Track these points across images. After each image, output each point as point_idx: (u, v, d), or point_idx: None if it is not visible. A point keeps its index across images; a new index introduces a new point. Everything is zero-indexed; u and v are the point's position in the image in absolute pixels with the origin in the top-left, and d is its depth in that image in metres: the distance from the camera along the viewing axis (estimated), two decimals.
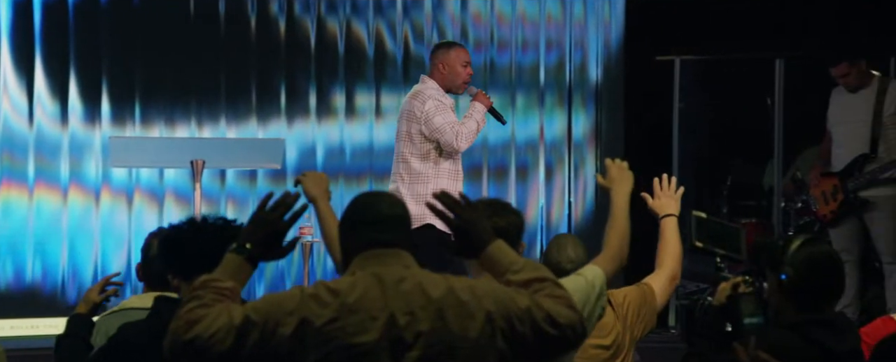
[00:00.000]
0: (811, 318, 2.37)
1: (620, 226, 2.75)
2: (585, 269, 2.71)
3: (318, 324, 2.02)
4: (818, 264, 2.42)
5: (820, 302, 2.43)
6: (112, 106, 6.05)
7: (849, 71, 5.40)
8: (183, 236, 2.49)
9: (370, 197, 2.21)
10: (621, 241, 2.74)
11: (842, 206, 5.41)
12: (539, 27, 6.34)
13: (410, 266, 2.11)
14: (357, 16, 6.25)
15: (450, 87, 4.86)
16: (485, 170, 6.34)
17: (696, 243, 2.58)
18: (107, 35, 6.04)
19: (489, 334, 2.03)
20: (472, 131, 4.78)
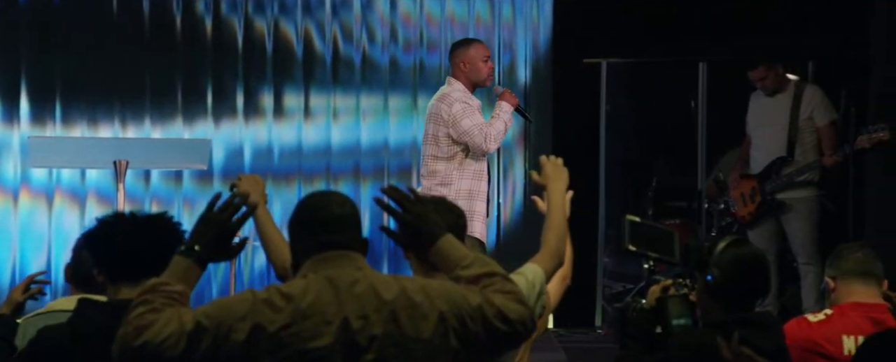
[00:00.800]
0: (735, 318, 2.40)
1: (557, 224, 2.75)
2: (526, 268, 2.70)
3: (272, 330, 1.99)
4: (743, 265, 2.46)
5: (745, 302, 2.47)
6: (31, 105, 5.92)
7: (766, 74, 5.54)
8: (110, 231, 2.43)
9: (319, 197, 2.16)
10: (559, 239, 2.74)
11: (759, 208, 5.54)
12: (468, 28, 6.36)
13: (362, 267, 2.09)
14: (285, 16, 6.20)
15: (475, 83, 4.88)
16: (415, 171, 6.33)
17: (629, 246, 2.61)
18: (26, 34, 5.91)
19: (442, 334, 2.02)
20: (500, 132, 4.80)
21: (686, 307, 2.45)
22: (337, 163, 6.27)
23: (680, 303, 2.45)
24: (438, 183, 4.77)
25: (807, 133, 5.50)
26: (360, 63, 6.27)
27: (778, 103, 5.57)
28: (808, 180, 5.47)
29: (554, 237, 2.73)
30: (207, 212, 2.12)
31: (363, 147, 6.29)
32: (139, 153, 4.86)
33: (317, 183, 6.15)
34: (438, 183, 4.77)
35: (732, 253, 2.47)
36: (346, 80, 6.28)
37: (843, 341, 2.87)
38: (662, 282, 2.56)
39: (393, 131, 6.31)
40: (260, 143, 6.19)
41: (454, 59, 4.91)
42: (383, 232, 2.18)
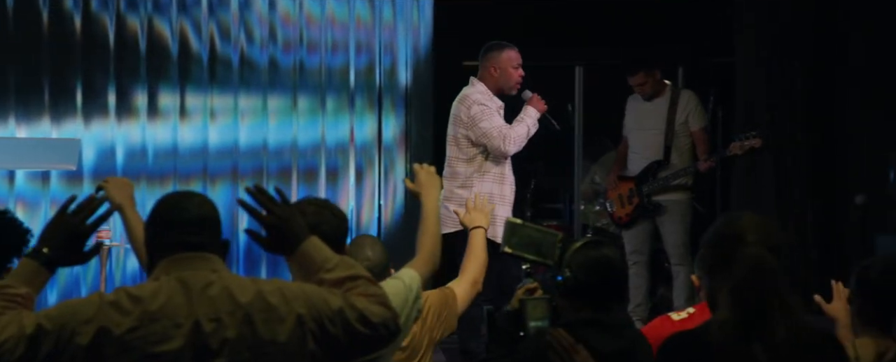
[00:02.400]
0: (581, 319, 2.45)
1: (432, 230, 2.79)
2: (402, 273, 2.72)
3: (118, 333, 1.94)
4: (594, 267, 2.49)
5: (597, 304, 2.50)
6: None
7: (645, 80, 5.71)
8: None
9: (177, 197, 2.13)
10: (434, 244, 2.78)
11: (636, 209, 5.70)
12: (349, 29, 6.33)
13: (218, 270, 2.05)
14: (159, 13, 6.05)
15: (502, 90, 4.86)
16: (295, 172, 6.27)
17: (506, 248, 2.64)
18: None
19: (299, 337, 2.00)
20: (521, 135, 4.79)
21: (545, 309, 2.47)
22: (214, 165, 6.15)
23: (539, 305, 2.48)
24: (459, 185, 4.76)
25: (682, 137, 5.68)
26: (238, 63, 6.17)
27: (655, 108, 5.73)
28: (682, 184, 5.65)
29: (429, 242, 2.78)
30: (60, 214, 2.07)
31: (241, 148, 6.18)
32: (3, 153, 4.66)
33: (193, 184, 6.02)
34: (459, 185, 4.76)
35: (583, 254, 2.51)
36: (223, 80, 6.17)
37: None
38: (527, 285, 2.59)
39: (272, 132, 6.23)
40: (133, 144, 6.03)
41: (485, 61, 4.92)
42: (247, 234, 2.15)
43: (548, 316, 2.48)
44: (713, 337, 2.04)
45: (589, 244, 2.55)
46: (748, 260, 2.03)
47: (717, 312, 2.09)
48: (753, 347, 2.00)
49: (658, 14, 6.55)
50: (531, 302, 2.49)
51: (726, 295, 2.05)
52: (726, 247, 2.09)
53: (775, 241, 2.10)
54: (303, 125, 6.30)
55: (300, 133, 6.28)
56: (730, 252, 2.07)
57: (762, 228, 2.11)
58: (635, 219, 5.69)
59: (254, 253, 6.01)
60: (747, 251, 2.05)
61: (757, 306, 2.01)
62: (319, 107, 6.30)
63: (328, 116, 6.32)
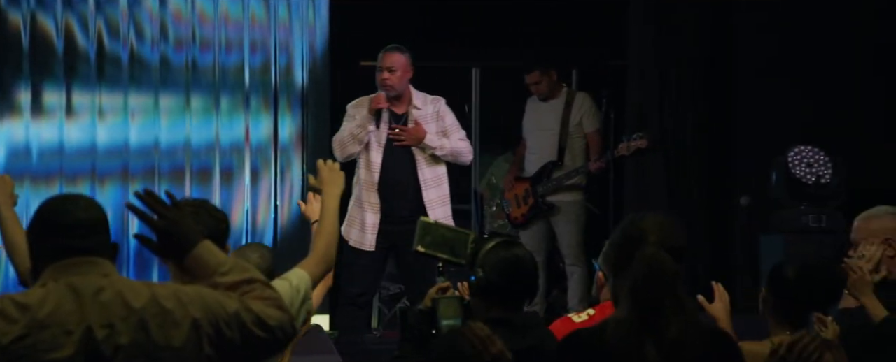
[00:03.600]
0: (492, 317, 2.47)
1: (329, 229, 2.74)
2: (291, 273, 2.67)
3: (4, 343, 1.87)
4: (508, 265, 2.52)
5: (509, 302, 2.53)
6: None
7: (540, 79, 5.78)
8: None
9: (62, 200, 2.06)
10: (329, 245, 2.73)
11: (531, 210, 5.77)
12: (243, 28, 6.24)
13: (109, 274, 2.00)
14: (43, 9, 5.85)
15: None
16: (188, 172, 6.13)
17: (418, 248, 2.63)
18: None
19: (195, 341, 1.96)
20: (338, 139, 4.96)
21: (457, 308, 2.49)
22: (103, 164, 5.97)
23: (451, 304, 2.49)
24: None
25: (576, 139, 5.78)
26: (127, 60, 6.01)
27: (551, 109, 5.82)
28: (575, 184, 5.75)
29: (324, 243, 2.73)
30: None
31: (132, 147, 6.02)
32: None
33: (80, 184, 5.83)
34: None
35: (497, 254, 2.53)
36: (112, 78, 6.00)
37: None
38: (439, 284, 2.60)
39: (164, 131, 6.09)
40: (16, 142, 5.82)
41: None
42: (138, 240, 2.09)
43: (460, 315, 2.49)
44: (609, 335, 2.07)
45: (501, 244, 2.58)
46: (645, 260, 2.08)
47: (616, 311, 2.13)
48: (646, 346, 2.04)
49: (554, 16, 6.66)
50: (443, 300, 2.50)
51: (625, 295, 2.08)
52: (629, 247, 2.13)
53: (675, 242, 2.15)
54: (196, 124, 6.17)
55: (194, 132, 6.15)
56: (632, 251, 2.11)
57: (663, 229, 2.15)
58: (530, 219, 5.76)
59: (145, 256, 5.85)
60: (646, 251, 2.09)
61: (652, 306, 2.05)
62: (213, 106, 6.18)
63: (223, 116, 6.21)
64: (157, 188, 6.02)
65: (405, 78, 4.93)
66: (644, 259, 2.08)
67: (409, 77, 4.97)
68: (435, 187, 4.86)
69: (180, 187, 6.08)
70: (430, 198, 4.83)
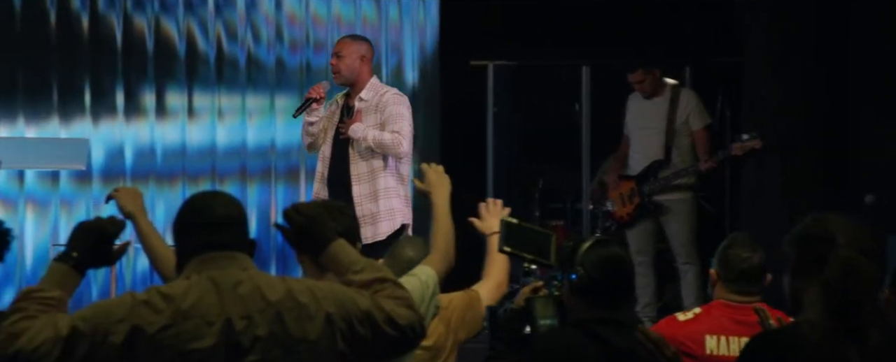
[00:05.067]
0: (595, 316, 2.46)
1: (445, 228, 2.81)
2: (418, 270, 2.74)
3: (151, 332, 1.95)
4: (605, 264, 2.51)
5: (608, 301, 2.51)
6: None
7: (643, 78, 5.70)
8: None
9: (203, 197, 2.14)
10: (447, 242, 2.80)
11: (637, 209, 5.70)
12: (355, 29, 6.34)
13: (248, 268, 2.06)
14: (166, 13, 6.06)
15: None
16: (303, 172, 6.27)
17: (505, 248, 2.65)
18: None
19: (329, 336, 2.01)
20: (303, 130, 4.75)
21: (553, 307, 2.48)
22: (222, 164, 6.16)
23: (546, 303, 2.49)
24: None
25: (682, 136, 5.68)
26: (245, 62, 6.18)
27: (655, 106, 5.73)
28: (684, 183, 5.65)
29: (443, 240, 2.80)
30: (87, 219, 2.12)
31: (249, 148, 6.19)
32: (12, 153, 4.68)
33: (202, 183, 6.03)
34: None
35: (595, 253, 2.52)
36: (231, 80, 6.18)
37: (706, 340, 2.94)
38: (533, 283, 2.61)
39: (280, 132, 6.23)
40: (142, 143, 6.04)
41: None
42: (277, 229, 2.18)
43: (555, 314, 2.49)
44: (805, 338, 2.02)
45: (599, 243, 2.57)
46: (842, 262, 2.01)
47: (804, 313, 2.07)
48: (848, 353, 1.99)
49: (667, 12, 6.56)
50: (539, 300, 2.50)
51: (816, 297, 2.03)
52: (816, 248, 2.08)
53: (865, 244, 2.10)
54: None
55: None
56: (820, 253, 2.06)
57: (853, 231, 2.09)
58: (636, 218, 5.70)
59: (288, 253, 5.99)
60: (841, 253, 2.03)
61: (850, 309, 1.99)
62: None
63: None
64: (272, 187, 6.19)
65: (354, 65, 4.60)
66: (840, 261, 2.01)
67: (361, 65, 4.61)
68: (368, 181, 4.54)
69: (295, 186, 6.22)
70: (362, 193, 4.52)
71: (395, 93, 4.68)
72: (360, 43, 4.72)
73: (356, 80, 4.63)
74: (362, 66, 4.64)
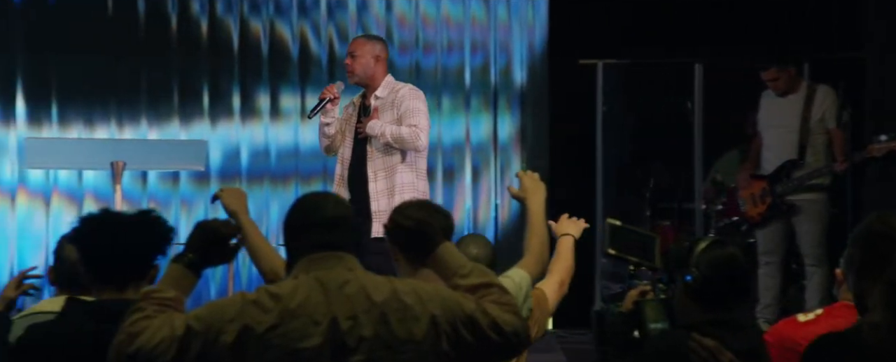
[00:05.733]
0: (710, 318, 2.42)
1: (539, 232, 2.83)
2: (512, 272, 2.76)
3: (260, 331, 1.99)
4: (721, 265, 2.46)
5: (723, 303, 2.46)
6: (28, 106, 5.92)
7: (778, 76, 5.53)
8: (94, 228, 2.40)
9: (313, 198, 2.18)
10: (542, 245, 2.82)
11: (769, 209, 5.54)
12: (464, 29, 6.37)
13: (354, 269, 2.09)
14: (281, 17, 6.20)
15: None
16: None
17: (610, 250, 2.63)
18: (21, 35, 5.90)
19: (433, 337, 2.02)
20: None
21: (662, 311, 2.46)
22: (333, 165, 6.26)
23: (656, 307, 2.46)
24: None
25: (818, 135, 5.47)
26: None
27: (789, 104, 5.55)
28: (819, 183, 5.46)
29: (538, 243, 2.82)
30: (203, 220, 2.16)
31: None
32: (136, 154, 4.85)
33: (314, 184, 6.15)
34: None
35: (711, 253, 2.47)
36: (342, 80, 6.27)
37: None
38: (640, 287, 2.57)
39: None
40: (257, 144, 6.19)
41: None
42: (385, 230, 2.20)
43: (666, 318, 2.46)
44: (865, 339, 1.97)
45: (715, 243, 2.52)
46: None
47: (869, 314, 2.02)
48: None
49: (780, 8, 6.38)
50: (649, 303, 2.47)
51: (880, 297, 1.97)
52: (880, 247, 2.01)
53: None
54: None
55: None
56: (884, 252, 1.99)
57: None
58: (768, 218, 5.54)
59: None
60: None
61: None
62: (435, 107, 6.35)
63: (444, 116, 6.37)
64: None
65: (369, 65, 4.59)
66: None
67: (376, 64, 4.60)
68: (385, 178, 4.52)
69: None
70: (378, 189, 4.49)
71: (410, 88, 4.66)
72: (374, 42, 4.71)
73: (371, 79, 4.62)
74: (377, 65, 4.63)
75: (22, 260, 5.85)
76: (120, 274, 2.35)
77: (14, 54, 5.90)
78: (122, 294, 2.34)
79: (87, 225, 2.41)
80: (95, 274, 2.38)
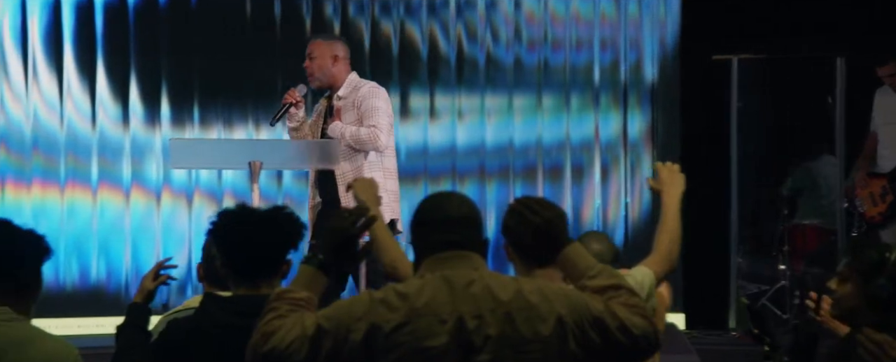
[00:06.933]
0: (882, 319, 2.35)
1: (671, 229, 2.73)
2: (635, 270, 2.70)
3: (388, 330, 2.01)
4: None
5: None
6: (172, 108, 6.14)
7: (895, 71, 5.32)
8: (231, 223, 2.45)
9: (439, 197, 2.18)
10: (672, 243, 2.73)
11: (890, 208, 5.32)
12: (593, 26, 6.31)
13: (479, 268, 2.09)
14: (411, 17, 6.27)
15: None
16: (540, 170, 6.32)
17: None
18: (166, 37, 6.12)
19: (560, 337, 2.01)
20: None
21: None
22: (462, 163, 6.31)
23: None
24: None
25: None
26: (484, 63, 6.29)
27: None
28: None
29: (667, 241, 2.73)
30: (331, 220, 2.16)
31: (488, 147, 6.30)
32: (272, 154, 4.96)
33: (442, 183, 6.20)
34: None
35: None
36: (470, 80, 6.31)
37: None
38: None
39: (517, 131, 6.31)
40: None
41: None
42: (504, 232, 2.19)
43: None
44: None
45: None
46: None
47: None
48: None
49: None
50: None
51: None
52: None
53: None
54: (547, 123, 6.34)
55: (545, 131, 6.32)
56: None
57: None
58: (890, 217, 5.31)
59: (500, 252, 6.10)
60: None
61: None
62: (564, 104, 6.31)
63: (573, 114, 6.32)
64: (510, 186, 6.27)
65: (327, 66, 4.53)
66: None
67: (335, 65, 4.54)
68: (351, 172, 4.47)
69: (533, 185, 6.28)
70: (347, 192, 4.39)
71: (371, 86, 4.58)
72: (332, 42, 4.65)
73: (332, 80, 4.57)
74: (336, 65, 4.57)
75: (167, 256, 6.07)
76: (253, 270, 2.40)
77: (158, 57, 6.12)
78: (257, 290, 2.39)
79: (223, 219, 2.46)
80: (231, 269, 2.43)
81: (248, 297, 2.38)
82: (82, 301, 5.87)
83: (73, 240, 5.96)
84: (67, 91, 5.99)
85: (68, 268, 5.95)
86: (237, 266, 2.42)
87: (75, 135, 6.00)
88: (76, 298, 5.89)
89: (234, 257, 2.41)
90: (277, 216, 2.44)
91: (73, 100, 6.01)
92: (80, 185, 6.02)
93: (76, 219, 5.98)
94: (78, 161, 6.01)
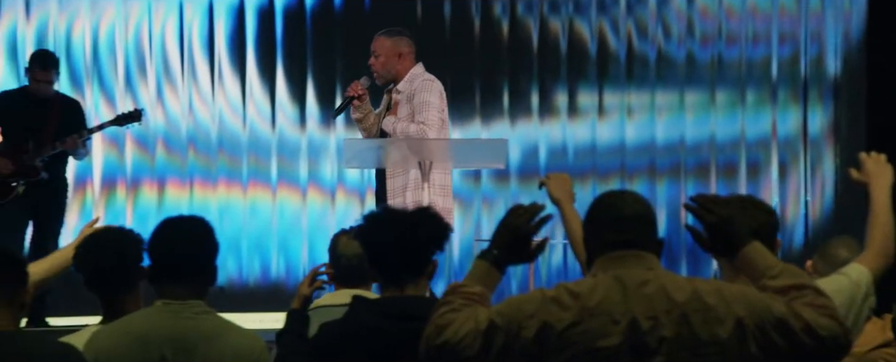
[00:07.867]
0: None
1: (884, 222, 2.55)
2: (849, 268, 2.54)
3: (560, 328, 2.00)
4: None
5: None
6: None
7: None
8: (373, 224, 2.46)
9: (612, 196, 2.15)
10: (886, 237, 2.55)
11: None
12: (771, 20, 6.10)
13: (654, 268, 2.05)
14: (580, 14, 6.23)
15: None
16: (713, 168, 6.15)
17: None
18: (340, 40, 6.31)
19: (740, 339, 1.95)
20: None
21: None
22: (632, 161, 6.21)
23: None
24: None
25: None
26: (654, 59, 6.18)
27: None
28: None
29: (880, 235, 2.56)
30: (507, 217, 2.16)
31: (658, 144, 6.18)
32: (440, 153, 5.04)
33: (611, 181, 6.13)
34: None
35: None
36: (640, 77, 6.21)
37: None
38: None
39: (689, 128, 6.16)
40: (555, 142, 6.26)
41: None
42: (688, 230, 2.14)
43: None
44: None
45: None
46: None
47: None
48: None
49: None
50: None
51: None
52: None
53: None
54: (721, 119, 6.16)
55: (718, 128, 6.15)
56: None
57: None
58: None
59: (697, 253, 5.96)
60: None
61: None
62: (739, 100, 6.13)
63: (748, 110, 6.13)
64: (682, 184, 6.12)
65: (391, 63, 4.46)
66: None
67: (400, 61, 4.46)
68: (401, 174, 4.37)
69: (705, 183, 6.11)
70: (395, 186, 4.39)
71: (424, 79, 4.49)
72: (397, 39, 4.57)
73: (396, 75, 4.51)
74: (400, 61, 4.51)
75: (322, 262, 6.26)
76: (399, 270, 2.40)
77: (334, 58, 6.31)
78: (402, 291, 2.39)
79: (369, 222, 2.48)
80: (377, 270, 2.45)
81: (394, 299, 2.40)
82: (264, 296, 6.12)
83: (254, 238, 6.18)
84: (249, 94, 6.27)
85: (250, 265, 6.21)
86: (383, 266, 2.43)
87: (257, 137, 6.26)
88: (258, 294, 6.14)
89: (381, 258, 2.43)
90: (423, 217, 2.45)
91: (255, 103, 6.28)
92: (261, 185, 6.27)
93: (258, 218, 6.22)
94: (259, 161, 6.26)
